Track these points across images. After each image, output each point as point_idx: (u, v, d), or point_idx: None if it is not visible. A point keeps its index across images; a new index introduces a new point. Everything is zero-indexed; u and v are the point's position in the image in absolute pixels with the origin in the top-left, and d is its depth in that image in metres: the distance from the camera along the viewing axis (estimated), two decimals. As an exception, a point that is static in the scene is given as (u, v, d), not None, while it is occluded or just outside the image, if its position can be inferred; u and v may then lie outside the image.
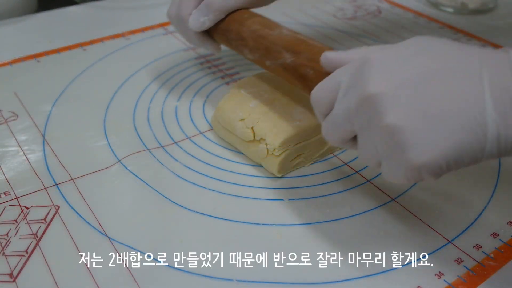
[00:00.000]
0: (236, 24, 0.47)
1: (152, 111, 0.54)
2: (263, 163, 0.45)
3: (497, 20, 0.75)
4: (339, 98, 0.33)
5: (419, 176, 0.30)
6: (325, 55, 0.36)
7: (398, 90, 0.29)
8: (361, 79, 0.31)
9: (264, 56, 0.44)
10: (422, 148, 0.29)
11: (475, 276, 0.36)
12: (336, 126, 0.34)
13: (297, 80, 0.41)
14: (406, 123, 0.29)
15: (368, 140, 0.32)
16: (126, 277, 0.36)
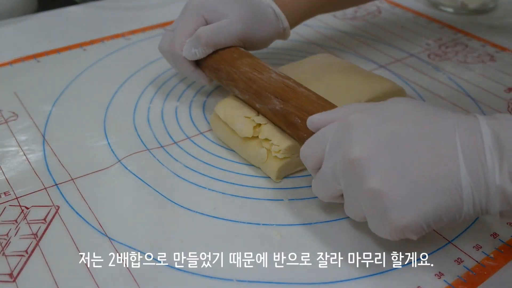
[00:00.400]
0: (226, 64, 0.48)
1: (152, 111, 0.54)
2: (261, 167, 0.45)
3: (497, 20, 0.75)
4: (325, 158, 0.35)
5: (402, 235, 0.32)
6: (310, 119, 0.38)
7: (378, 154, 0.31)
8: (344, 141, 0.33)
9: (253, 99, 0.45)
10: (403, 211, 0.31)
11: (475, 276, 0.36)
12: (324, 185, 0.36)
13: (285, 126, 0.42)
14: (387, 188, 0.31)
15: (353, 200, 0.34)
16: (126, 277, 0.36)
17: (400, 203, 0.31)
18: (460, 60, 0.64)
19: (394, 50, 0.66)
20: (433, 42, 0.68)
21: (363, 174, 0.31)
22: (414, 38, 0.69)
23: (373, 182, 0.31)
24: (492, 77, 0.60)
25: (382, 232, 0.33)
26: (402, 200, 0.31)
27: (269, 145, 0.43)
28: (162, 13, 0.76)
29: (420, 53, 0.65)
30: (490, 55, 0.65)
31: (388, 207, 0.31)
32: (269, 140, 0.43)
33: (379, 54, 0.65)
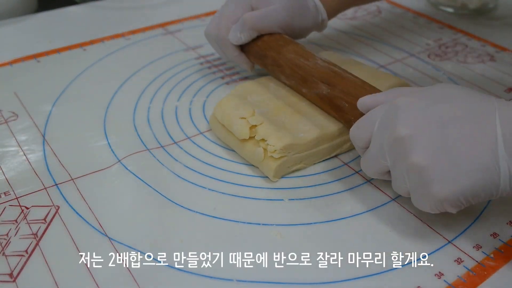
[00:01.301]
0: (272, 50, 0.51)
1: (152, 111, 0.54)
2: (259, 166, 0.45)
3: (497, 20, 0.75)
4: (373, 137, 0.38)
5: (442, 208, 0.35)
6: (361, 101, 0.41)
7: (423, 133, 0.34)
8: (392, 121, 0.36)
9: (300, 84, 0.48)
10: (443, 185, 0.33)
11: (475, 276, 0.36)
12: (372, 162, 0.39)
13: (332, 110, 0.45)
14: (429, 163, 0.33)
15: (398, 175, 0.36)
16: (126, 277, 0.36)
17: (440, 177, 0.33)
18: (460, 60, 0.64)
19: (394, 50, 0.66)
20: (433, 42, 0.68)
21: (407, 151, 0.34)
22: (414, 38, 0.69)
23: (417, 158, 0.34)
24: (492, 77, 0.60)
25: (423, 205, 0.36)
26: (443, 174, 0.33)
27: (265, 145, 0.43)
28: (162, 13, 0.76)
29: (420, 53, 0.65)
30: (490, 55, 0.65)
31: (429, 181, 0.34)
32: (265, 140, 0.43)
33: (379, 54, 0.65)
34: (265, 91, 0.50)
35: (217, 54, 0.64)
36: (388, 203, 0.42)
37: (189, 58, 0.64)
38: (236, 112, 0.46)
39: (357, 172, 0.46)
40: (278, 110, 0.47)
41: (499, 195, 0.34)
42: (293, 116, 0.46)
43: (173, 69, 0.61)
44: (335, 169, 0.46)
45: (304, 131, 0.45)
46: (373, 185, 0.44)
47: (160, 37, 0.69)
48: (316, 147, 0.45)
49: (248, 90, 0.50)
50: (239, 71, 0.61)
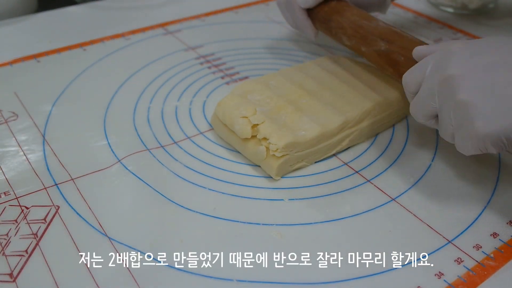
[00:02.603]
0: (337, 15, 0.53)
1: (152, 111, 0.54)
2: (261, 164, 0.45)
3: (497, 20, 0.75)
4: (425, 79, 0.39)
5: (484, 145, 0.35)
6: (416, 49, 0.42)
7: (471, 73, 0.36)
8: (443, 63, 0.38)
9: (360, 43, 0.50)
10: (487, 121, 0.34)
11: (475, 276, 0.36)
12: (422, 104, 0.40)
13: (388, 65, 0.47)
14: (474, 99, 0.35)
15: (446, 115, 0.38)
16: (126, 277, 0.36)
17: (485, 113, 0.34)
18: (460, 60, 0.64)
19: (394, 50, 0.66)
20: (433, 42, 0.68)
21: (455, 89, 0.36)
22: (414, 38, 0.69)
23: (463, 95, 0.35)
24: (492, 77, 0.60)
25: (466, 144, 0.36)
26: (487, 111, 0.34)
27: (267, 144, 0.43)
28: (162, 13, 0.76)
29: (420, 53, 0.65)
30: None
31: (474, 117, 0.35)
32: (267, 139, 0.43)
33: (379, 54, 0.65)
34: (265, 89, 0.50)
35: (217, 54, 0.64)
36: (388, 203, 0.42)
37: (189, 58, 0.64)
38: (237, 111, 0.46)
39: (357, 172, 0.46)
40: (279, 109, 0.47)
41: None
42: (294, 114, 0.46)
43: (173, 69, 0.61)
44: (335, 169, 0.46)
45: (305, 129, 0.45)
46: (373, 185, 0.44)
47: (160, 37, 0.69)
48: (318, 145, 0.45)
49: (248, 89, 0.50)
50: (239, 71, 0.61)
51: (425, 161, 0.47)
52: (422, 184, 0.44)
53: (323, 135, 0.45)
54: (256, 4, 0.81)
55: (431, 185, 0.44)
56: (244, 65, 0.63)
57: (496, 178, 0.45)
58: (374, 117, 0.49)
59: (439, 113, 0.39)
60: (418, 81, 0.40)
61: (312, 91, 0.50)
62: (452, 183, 0.44)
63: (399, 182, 0.45)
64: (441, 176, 0.45)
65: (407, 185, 0.44)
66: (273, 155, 0.43)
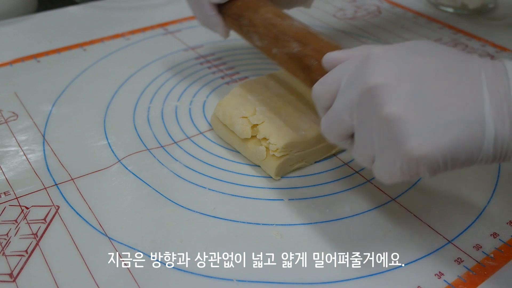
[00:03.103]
0: (249, 11, 0.48)
1: (152, 111, 0.54)
2: (261, 164, 0.45)
3: (497, 20, 0.75)
4: (340, 92, 0.33)
5: (416, 169, 0.30)
6: (328, 54, 0.36)
7: (399, 82, 0.30)
8: (363, 72, 0.31)
9: (272, 44, 0.44)
10: (421, 139, 0.28)
11: (475, 276, 0.36)
12: (335, 121, 0.33)
13: (300, 70, 0.41)
14: (406, 113, 0.29)
15: (366, 134, 0.32)
16: (126, 277, 0.36)
17: (419, 129, 0.28)
18: (460, 60, 0.64)
19: (394, 50, 0.66)
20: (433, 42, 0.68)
21: (381, 100, 0.29)
22: (414, 38, 0.69)
23: (392, 107, 0.29)
24: (492, 77, 0.60)
25: (392, 169, 0.31)
26: (422, 126, 0.28)
27: (267, 144, 0.43)
28: (162, 13, 0.76)
29: (420, 53, 0.65)
30: (490, 55, 0.65)
31: (405, 133, 0.29)
32: (267, 139, 0.43)
33: (379, 54, 0.65)
34: (265, 89, 0.50)
35: (217, 54, 0.64)
36: (388, 203, 0.42)
37: (189, 58, 0.64)
38: (237, 111, 0.46)
39: (357, 172, 0.46)
40: (279, 109, 0.47)
41: (480, 159, 0.29)
42: (294, 114, 0.46)
43: (173, 69, 0.61)
44: (335, 169, 0.46)
45: (305, 129, 0.45)
46: (373, 185, 0.44)
47: (160, 37, 0.69)
48: (318, 145, 0.45)
49: (248, 89, 0.50)
50: (239, 71, 0.61)
51: (425, 161, 0.47)
52: (422, 184, 0.44)
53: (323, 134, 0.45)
54: (256, 4, 0.80)
55: (431, 185, 0.44)
56: (244, 65, 0.63)
57: (496, 178, 0.45)
58: None
59: (357, 131, 0.32)
60: (331, 94, 0.34)
61: None
62: (452, 183, 0.44)
63: (399, 182, 0.44)
64: (441, 176, 0.45)
65: (407, 185, 0.44)
66: (273, 155, 0.43)
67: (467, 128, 0.28)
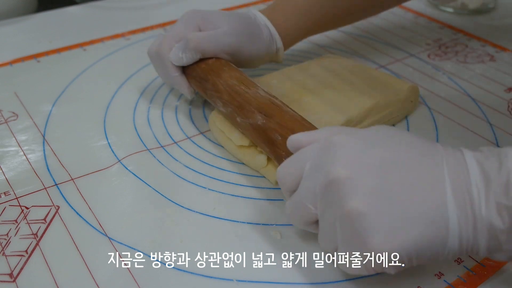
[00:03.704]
0: (213, 74, 0.47)
1: (152, 111, 0.54)
2: (260, 171, 0.45)
3: (497, 20, 0.75)
4: (303, 178, 0.33)
5: (379, 265, 0.29)
6: (291, 139, 0.36)
7: (361, 176, 0.29)
8: (326, 161, 0.31)
9: (236, 112, 0.44)
10: (385, 236, 0.28)
11: (475, 276, 0.36)
12: (299, 208, 0.33)
13: (264, 143, 0.41)
14: (369, 209, 0.29)
15: (329, 224, 0.31)
16: (126, 277, 0.36)
17: (382, 227, 0.28)
18: (460, 60, 0.64)
19: (394, 50, 0.66)
20: (433, 42, 0.68)
21: (344, 194, 0.29)
22: (414, 38, 0.69)
23: (355, 203, 0.29)
24: (492, 77, 0.60)
25: (355, 264, 0.31)
26: (385, 224, 0.28)
27: None
28: (162, 13, 0.76)
29: (420, 53, 0.65)
30: (490, 55, 0.65)
31: (368, 230, 0.28)
32: None
33: (379, 54, 0.65)
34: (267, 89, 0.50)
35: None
36: (388, 203, 0.42)
37: (189, 58, 0.64)
38: None
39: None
40: None
41: (446, 255, 0.30)
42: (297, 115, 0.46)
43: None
44: (335, 169, 0.46)
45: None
46: (373, 185, 0.44)
47: (160, 37, 0.69)
48: None
49: None
50: (239, 71, 0.61)
51: (425, 161, 0.47)
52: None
53: None
54: (255, 4, 0.81)
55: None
56: (244, 65, 0.62)
57: (496, 178, 0.45)
58: (375, 116, 0.48)
59: (320, 221, 0.32)
60: (295, 178, 0.34)
61: (314, 90, 0.50)
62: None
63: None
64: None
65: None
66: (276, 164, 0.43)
67: (431, 225, 0.28)
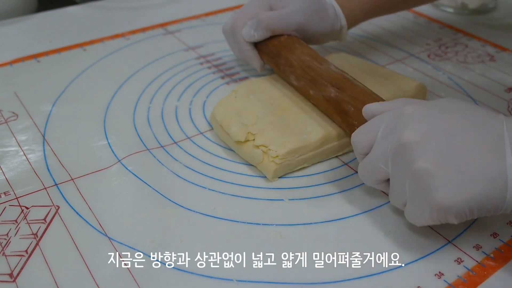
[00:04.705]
0: (286, 51, 0.51)
1: (152, 111, 0.54)
2: (257, 166, 0.45)
3: (497, 20, 0.75)
4: (377, 142, 0.37)
5: (444, 217, 0.33)
6: (367, 107, 0.40)
7: (430, 140, 0.34)
8: (398, 128, 0.35)
9: (308, 86, 0.47)
10: (449, 191, 0.32)
11: (475, 276, 0.36)
12: (372, 168, 0.38)
13: (336, 114, 0.44)
14: (435, 168, 0.33)
15: (399, 182, 0.35)
16: (126, 277, 0.36)
17: (447, 183, 0.32)
18: (460, 60, 0.64)
19: (394, 50, 0.66)
20: (433, 42, 0.68)
21: (413, 156, 0.33)
22: (414, 38, 0.69)
23: (422, 163, 0.33)
24: (492, 77, 0.60)
25: (422, 215, 0.34)
26: (449, 180, 0.32)
27: (266, 149, 0.43)
28: (162, 13, 0.76)
29: (420, 53, 0.65)
30: (490, 55, 0.65)
31: (434, 186, 0.32)
32: (266, 146, 0.43)
33: (379, 54, 0.65)
34: (269, 89, 0.50)
35: (217, 54, 0.64)
36: (388, 203, 0.42)
37: (189, 58, 0.64)
38: (237, 117, 0.46)
39: (357, 172, 0.46)
40: (282, 110, 0.47)
41: (505, 209, 0.33)
42: (298, 115, 0.46)
43: (173, 69, 0.61)
44: (335, 169, 0.46)
45: (307, 132, 0.44)
46: (373, 185, 0.44)
47: (160, 37, 0.69)
48: (321, 148, 0.45)
49: (252, 89, 0.50)
50: (239, 71, 0.61)
51: (425, 161, 0.47)
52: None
53: (327, 137, 0.45)
54: (256, 4, 0.80)
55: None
56: (244, 65, 0.63)
57: (496, 178, 0.45)
58: None
59: (392, 179, 0.37)
60: (368, 143, 0.38)
61: None
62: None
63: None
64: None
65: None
66: (272, 161, 0.43)
67: (491, 183, 0.32)
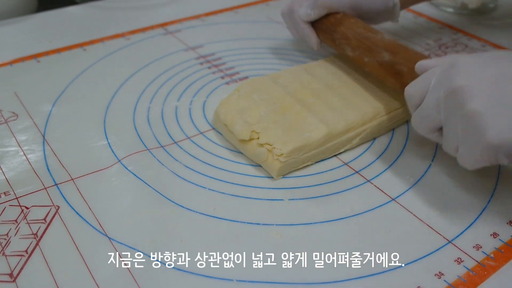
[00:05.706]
0: (342, 26, 0.54)
1: (152, 111, 0.54)
2: (262, 164, 0.45)
3: (497, 20, 0.75)
4: (429, 92, 0.39)
5: (495, 155, 0.35)
6: (420, 62, 0.42)
7: (480, 83, 0.35)
8: (450, 75, 0.37)
9: (363, 54, 0.50)
10: (500, 130, 0.34)
11: (475, 276, 0.36)
12: (425, 116, 0.40)
13: (390, 76, 0.47)
14: (486, 109, 0.34)
15: (452, 126, 0.37)
16: (126, 277, 0.36)
17: (497, 123, 0.34)
18: (460, 60, 0.64)
19: (394, 50, 0.66)
20: (433, 42, 0.68)
21: (464, 99, 0.35)
22: (414, 38, 0.69)
23: (474, 104, 0.35)
24: (492, 77, 0.60)
25: (474, 156, 0.36)
26: (500, 121, 0.34)
27: (270, 147, 0.43)
28: (162, 13, 0.76)
29: (420, 53, 0.65)
30: (490, 55, 0.65)
31: (485, 126, 0.34)
32: (270, 144, 0.43)
33: (379, 54, 0.65)
34: (272, 87, 0.50)
35: (217, 54, 0.64)
36: (388, 203, 0.42)
37: (189, 58, 0.64)
38: (240, 115, 0.46)
39: (357, 172, 0.46)
40: (285, 108, 0.47)
41: None
42: (300, 114, 0.46)
43: (173, 69, 0.61)
44: (335, 169, 0.46)
45: (310, 130, 0.44)
46: (373, 185, 0.44)
47: (160, 37, 0.69)
48: (324, 145, 0.45)
49: (255, 87, 0.50)
50: (239, 71, 0.61)
51: (425, 161, 0.47)
52: (422, 184, 0.44)
53: (329, 135, 0.45)
54: (256, 4, 0.81)
55: (431, 185, 0.44)
56: (244, 65, 0.63)
57: (496, 178, 0.45)
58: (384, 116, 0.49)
59: (444, 125, 0.38)
60: (421, 93, 0.40)
61: (319, 90, 0.50)
62: (452, 183, 0.44)
63: (399, 182, 0.45)
64: (441, 176, 0.45)
65: (407, 185, 0.44)
66: (276, 159, 0.43)
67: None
